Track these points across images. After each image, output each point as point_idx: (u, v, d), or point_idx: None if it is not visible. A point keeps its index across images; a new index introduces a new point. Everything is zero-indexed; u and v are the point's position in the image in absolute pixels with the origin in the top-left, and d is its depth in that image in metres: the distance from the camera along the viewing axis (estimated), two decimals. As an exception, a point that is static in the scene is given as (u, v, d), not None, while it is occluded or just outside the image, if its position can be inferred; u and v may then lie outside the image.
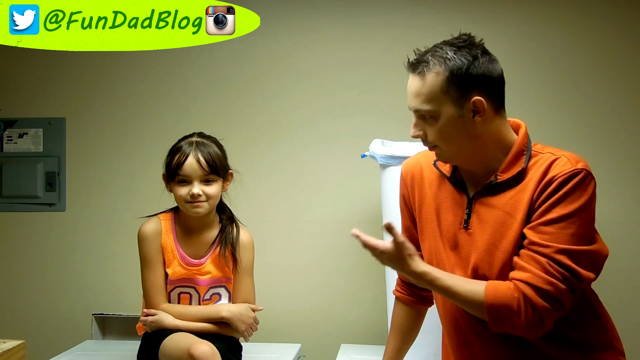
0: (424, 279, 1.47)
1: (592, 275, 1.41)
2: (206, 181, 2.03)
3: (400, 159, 2.04)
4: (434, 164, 1.61)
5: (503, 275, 1.45)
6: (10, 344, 1.31)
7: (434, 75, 1.46)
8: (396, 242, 1.46)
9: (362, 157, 2.19)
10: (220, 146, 2.10)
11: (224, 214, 2.17)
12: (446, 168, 1.58)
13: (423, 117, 1.50)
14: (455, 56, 1.45)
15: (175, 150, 2.06)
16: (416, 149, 2.07)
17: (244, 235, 2.16)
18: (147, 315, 2.06)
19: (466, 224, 1.54)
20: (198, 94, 2.66)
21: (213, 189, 2.04)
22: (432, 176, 1.62)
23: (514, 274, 1.41)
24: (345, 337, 2.55)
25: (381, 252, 1.49)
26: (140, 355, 2.10)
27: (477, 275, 1.50)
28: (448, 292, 1.46)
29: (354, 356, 2.34)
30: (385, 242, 1.48)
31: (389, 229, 1.46)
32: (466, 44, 1.47)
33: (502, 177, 1.49)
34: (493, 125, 1.48)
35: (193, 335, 1.99)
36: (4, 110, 2.73)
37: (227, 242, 2.12)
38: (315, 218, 2.61)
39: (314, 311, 2.60)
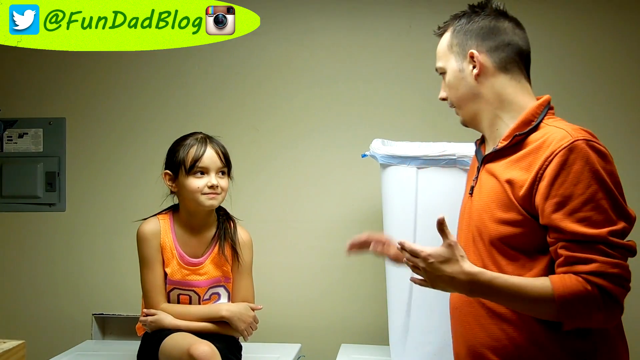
0: (481, 279, 1.37)
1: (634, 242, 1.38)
2: (221, 173, 2.08)
3: (401, 158, 2.05)
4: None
5: (497, 248, 1.44)
6: (10, 344, 1.31)
7: (446, 35, 1.58)
8: (448, 242, 1.37)
9: (362, 157, 2.19)
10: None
11: (221, 212, 2.19)
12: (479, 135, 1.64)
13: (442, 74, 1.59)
14: (463, 15, 1.56)
15: (187, 144, 2.08)
16: (417, 149, 2.08)
17: (242, 234, 2.17)
18: (147, 315, 2.06)
19: (471, 191, 1.56)
20: (198, 94, 2.66)
21: (225, 182, 2.09)
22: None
23: (578, 267, 1.33)
24: (345, 337, 2.55)
25: (426, 258, 1.38)
26: (140, 356, 2.10)
27: (473, 245, 1.49)
28: (510, 293, 1.37)
29: (354, 356, 2.34)
30: (431, 247, 1.39)
31: (441, 224, 1.37)
32: (481, 4, 1.56)
33: (502, 143, 1.49)
34: (496, 83, 1.51)
35: (193, 335, 1.99)
36: (4, 110, 2.74)
37: (227, 237, 2.13)
38: (315, 218, 2.61)
39: (314, 311, 2.60)
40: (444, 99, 1.62)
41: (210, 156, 2.06)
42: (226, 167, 2.10)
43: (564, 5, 2.49)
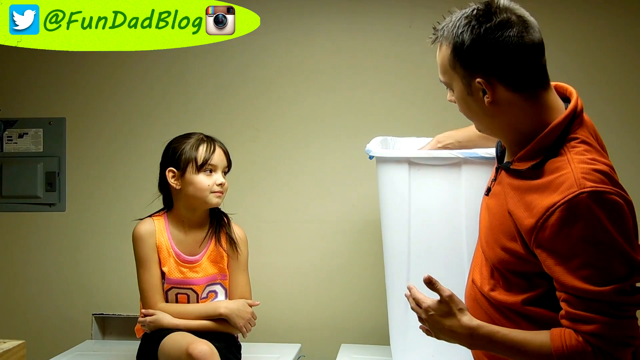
0: (480, 332, 1.35)
1: None
2: (223, 173, 2.12)
3: (394, 157, 2.05)
4: None
5: (502, 263, 1.41)
6: (10, 344, 1.31)
7: (445, 48, 1.40)
8: (444, 298, 1.36)
9: (370, 159, 2.15)
10: None
11: (214, 210, 2.19)
12: None
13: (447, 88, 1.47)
14: (463, 29, 1.34)
15: (194, 143, 2.08)
16: (420, 144, 2.08)
17: (237, 230, 2.19)
18: (145, 315, 2.06)
19: (488, 191, 1.52)
20: (199, 94, 2.66)
21: (226, 181, 2.12)
22: None
23: (578, 326, 1.28)
24: (345, 337, 2.55)
25: (427, 309, 1.38)
26: (140, 356, 2.10)
27: (483, 254, 1.47)
28: (509, 348, 1.34)
29: (354, 356, 2.34)
30: (431, 298, 1.37)
31: (429, 284, 1.35)
32: (483, 12, 1.34)
33: (516, 165, 1.40)
34: (515, 106, 1.35)
35: (191, 335, 1.99)
36: (4, 110, 2.73)
37: (222, 231, 2.14)
38: (315, 218, 2.60)
39: (314, 311, 2.60)
40: (453, 102, 1.48)
41: (219, 155, 2.10)
42: (228, 167, 2.14)
43: (562, 3, 2.50)
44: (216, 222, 2.17)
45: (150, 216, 2.17)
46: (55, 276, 2.72)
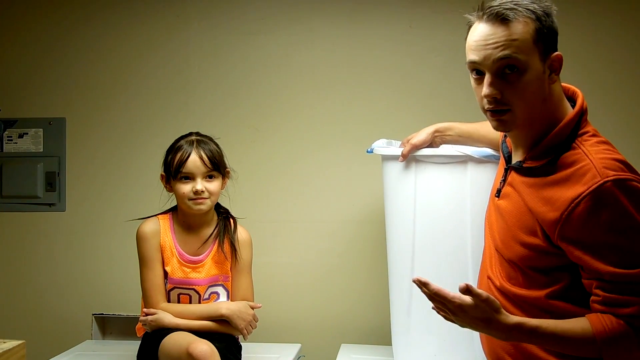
0: (523, 328, 1.34)
1: None
2: (208, 177, 2.08)
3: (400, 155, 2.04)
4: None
5: (522, 260, 1.42)
6: (10, 344, 1.31)
7: (523, 24, 1.37)
8: (479, 300, 1.32)
9: (367, 152, 2.15)
10: (217, 144, 2.15)
11: (221, 210, 2.20)
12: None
13: (501, 75, 1.39)
14: (538, 7, 1.39)
15: (176, 148, 2.09)
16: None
17: (242, 232, 2.19)
18: (147, 315, 2.07)
19: (498, 193, 1.53)
20: (198, 94, 2.66)
21: (214, 185, 2.09)
22: None
23: (616, 310, 1.32)
24: (345, 337, 2.55)
25: (458, 306, 1.34)
26: (140, 356, 2.11)
27: (498, 254, 1.48)
28: (551, 339, 1.36)
29: (354, 356, 2.34)
30: (464, 297, 1.33)
31: (467, 292, 1.31)
32: None
33: (529, 163, 1.43)
34: (557, 87, 1.43)
35: (192, 335, 1.99)
36: (4, 110, 2.73)
37: (226, 235, 2.13)
38: (315, 217, 2.60)
39: (314, 311, 2.60)
40: (492, 96, 1.41)
41: (193, 162, 2.05)
42: (214, 171, 2.09)
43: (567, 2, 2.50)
44: (221, 225, 2.16)
45: (155, 215, 2.17)
46: (55, 276, 2.72)
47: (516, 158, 1.51)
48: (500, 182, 1.54)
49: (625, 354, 1.33)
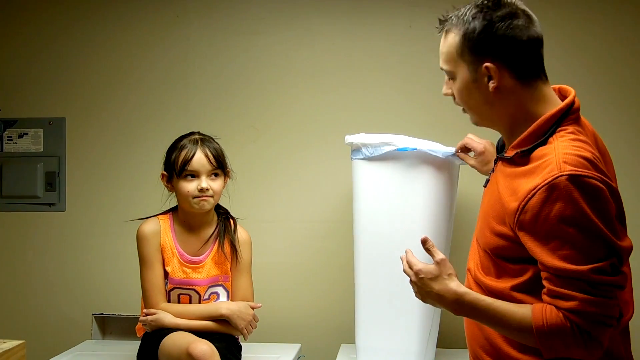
0: (466, 299, 1.40)
1: (626, 273, 1.35)
2: (213, 176, 2.08)
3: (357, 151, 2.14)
4: None
5: (493, 249, 1.44)
6: (10, 344, 1.31)
7: (453, 36, 1.44)
8: (436, 260, 1.43)
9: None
10: (219, 144, 2.15)
11: (221, 211, 2.21)
12: None
13: (449, 77, 1.50)
14: (474, 18, 1.40)
15: (180, 147, 2.09)
16: (412, 141, 2.09)
17: (242, 233, 2.19)
18: (147, 315, 2.07)
19: (486, 183, 1.57)
20: (198, 94, 2.66)
21: (218, 184, 2.09)
22: None
23: (558, 302, 1.32)
24: (345, 337, 2.55)
25: (417, 272, 1.44)
26: (140, 356, 2.11)
27: (477, 244, 1.51)
28: (492, 317, 1.38)
29: (354, 356, 2.34)
30: (423, 263, 1.45)
31: (424, 243, 1.42)
32: (492, 3, 1.41)
33: (508, 153, 1.45)
34: (514, 94, 1.41)
35: (192, 335, 1.99)
36: (4, 110, 2.73)
37: (226, 235, 2.14)
38: (315, 217, 2.60)
39: (314, 311, 2.60)
40: (448, 95, 1.54)
41: (199, 159, 2.06)
42: (218, 169, 2.10)
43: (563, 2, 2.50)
44: (221, 225, 2.16)
45: (156, 215, 2.17)
46: (55, 276, 2.73)
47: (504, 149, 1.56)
48: (490, 172, 1.58)
49: (561, 348, 1.32)
